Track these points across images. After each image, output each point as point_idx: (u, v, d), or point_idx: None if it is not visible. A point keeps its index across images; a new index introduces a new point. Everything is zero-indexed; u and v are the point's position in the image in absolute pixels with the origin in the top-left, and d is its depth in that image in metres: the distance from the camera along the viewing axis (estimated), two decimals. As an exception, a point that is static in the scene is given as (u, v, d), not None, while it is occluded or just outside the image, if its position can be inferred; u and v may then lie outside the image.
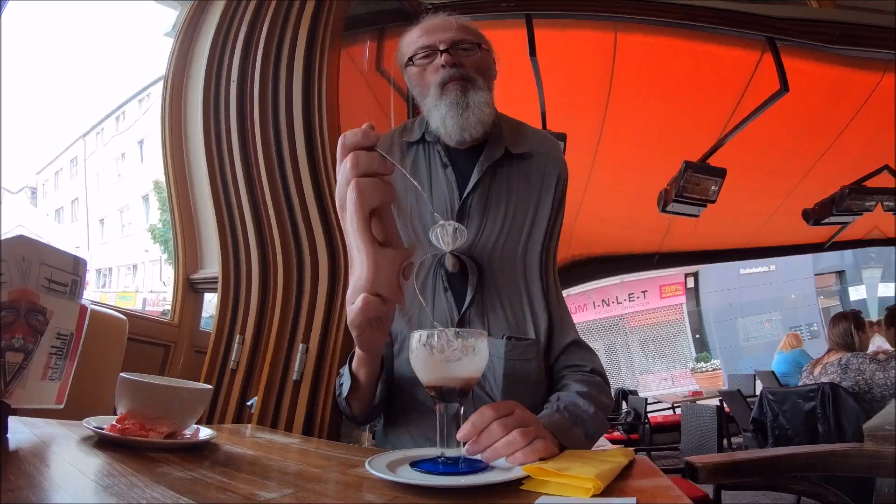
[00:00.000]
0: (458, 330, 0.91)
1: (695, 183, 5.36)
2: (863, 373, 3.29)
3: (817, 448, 1.37)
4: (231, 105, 1.97)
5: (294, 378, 1.68)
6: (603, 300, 18.18)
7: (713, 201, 5.44)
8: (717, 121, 5.19)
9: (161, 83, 2.86)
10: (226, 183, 2.01)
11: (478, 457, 0.92)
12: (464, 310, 1.39)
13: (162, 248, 23.98)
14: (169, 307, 2.77)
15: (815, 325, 15.84)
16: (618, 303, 18.30)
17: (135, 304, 25.48)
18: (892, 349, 3.57)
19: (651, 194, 5.98)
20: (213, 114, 2.05)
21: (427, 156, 1.48)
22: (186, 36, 2.73)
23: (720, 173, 5.32)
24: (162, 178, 2.98)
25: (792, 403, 3.44)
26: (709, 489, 2.57)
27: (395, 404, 1.42)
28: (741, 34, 4.01)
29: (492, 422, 0.92)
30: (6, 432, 0.86)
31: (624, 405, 7.97)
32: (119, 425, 0.93)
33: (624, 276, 14.88)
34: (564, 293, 1.53)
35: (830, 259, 15.04)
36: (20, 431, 0.92)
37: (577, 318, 16.77)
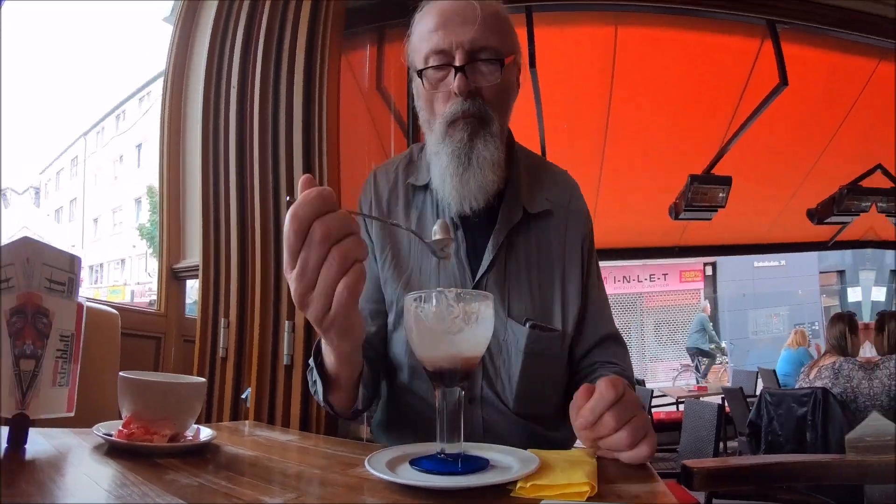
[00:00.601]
0: (459, 292, 0.82)
1: (702, 193, 5.55)
2: (851, 380, 3.32)
3: (805, 458, 1.39)
4: (231, 109, 1.98)
5: (285, 363, 1.67)
6: (624, 276, 18.30)
7: (723, 206, 5.60)
8: (719, 126, 5.32)
9: (161, 81, 2.91)
10: (217, 179, 2.03)
11: (481, 454, 0.90)
12: (480, 275, 1.26)
13: (148, 243, 25.21)
14: (155, 297, 2.86)
15: (816, 324, 16.08)
16: (638, 281, 18.45)
17: (124, 297, 26.80)
18: (879, 357, 3.56)
19: (661, 206, 6.16)
20: (212, 116, 2.07)
21: (434, 203, 1.32)
22: (185, 27, 2.74)
23: (726, 181, 5.50)
24: (155, 183, 3.07)
25: (786, 407, 3.47)
26: (700, 497, 2.63)
27: (392, 389, 1.35)
28: (742, 18, 4.04)
29: (607, 409, 0.88)
30: (24, 443, 0.87)
31: None
32: (125, 430, 0.95)
33: (645, 259, 15.02)
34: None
35: (833, 258, 15.40)
36: (38, 443, 0.93)
37: None
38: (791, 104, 4.53)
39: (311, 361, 1.12)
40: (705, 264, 17.76)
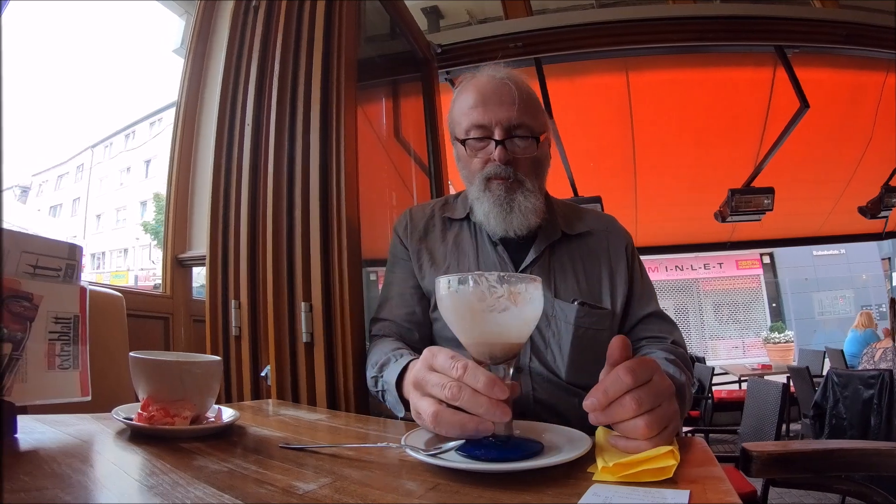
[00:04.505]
0: (501, 274, 0.83)
1: (746, 202, 5.72)
2: None
3: (867, 445, 1.37)
4: (245, 138, 2.02)
5: (304, 340, 1.70)
6: (677, 266, 19.18)
7: (770, 210, 5.75)
8: (748, 148, 5.61)
9: (173, 110, 3.07)
10: (228, 183, 2.07)
11: (535, 436, 0.91)
12: (522, 267, 1.45)
13: (152, 236, 27.20)
14: (160, 281, 2.91)
15: (883, 306, 16.63)
16: (692, 269, 19.22)
17: (127, 282, 28.76)
18: None
19: (706, 214, 6.36)
20: (225, 144, 2.11)
21: (473, 233, 1.55)
22: (195, 63, 2.92)
23: (768, 191, 5.66)
24: (163, 191, 3.19)
25: (853, 389, 3.45)
26: (758, 484, 2.64)
27: None
28: (750, 48, 4.23)
29: (626, 392, 0.83)
30: (15, 432, 0.89)
31: None
32: (145, 413, 0.98)
33: (697, 252, 15.54)
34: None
35: (889, 246, 16.37)
36: (39, 431, 0.96)
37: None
38: (818, 121, 4.62)
39: (387, 378, 1.25)
40: (762, 254, 18.45)
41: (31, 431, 0.94)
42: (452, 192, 2.89)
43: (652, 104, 5.00)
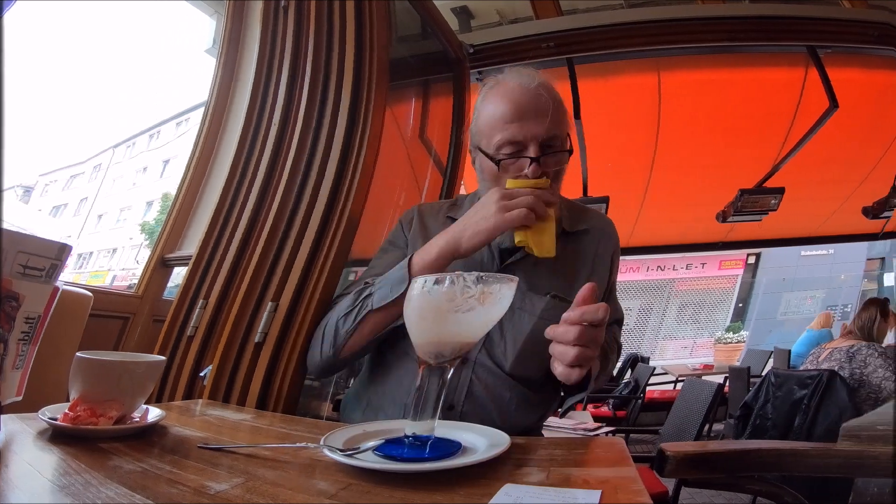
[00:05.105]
0: (480, 274, 0.86)
1: (753, 202, 5.79)
2: (865, 366, 3.31)
3: (784, 445, 1.42)
4: (269, 138, 2.02)
5: (256, 340, 1.70)
6: (658, 266, 19.07)
7: (775, 210, 5.84)
8: (771, 147, 5.55)
9: (202, 110, 3.05)
10: (238, 189, 2.07)
11: (454, 436, 0.94)
12: (508, 262, 1.49)
13: (146, 237, 27.50)
14: (136, 281, 2.88)
15: (849, 306, 16.91)
16: (673, 269, 19.19)
17: (105, 282, 28.70)
18: None
19: (708, 213, 6.48)
20: (248, 141, 2.11)
21: None
22: (227, 63, 2.90)
23: (779, 191, 5.72)
24: (173, 190, 3.17)
25: (787, 389, 3.48)
26: (670, 484, 2.71)
27: (385, 356, 1.49)
28: (782, 49, 4.21)
29: (586, 322, 1.06)
30: None
31: (628, 374, 8.12)
32: (71, 413, 0.98)
33: (685, 253, 15.77)
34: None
35: (882, 246, 16.06)
36: None
37: (625, 277, 18.48)
38: (845, 120, 4.62)
39: (387, 280, 1.39)
40: (749, 254, 18.52)
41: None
42: (463, 192, 2.92)
43: (682, 104, 5.00)
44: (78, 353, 1.02)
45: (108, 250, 33.11)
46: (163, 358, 1.16)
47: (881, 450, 1.46)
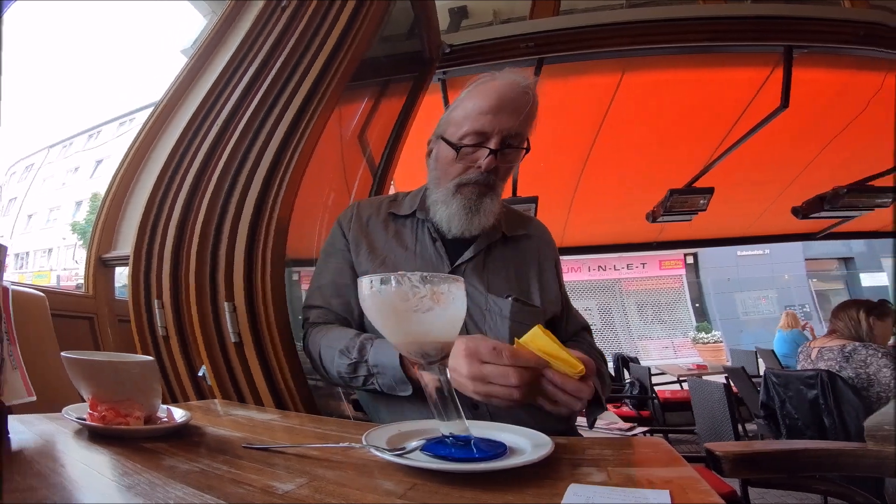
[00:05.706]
0: (424, 274, 0.85)
1: (682, 202, 5.88)
2: (868, 366, 3.31)
3: (830, 445, 1.41)
4: (209, 136, 2.01)
5: (233, 340, 1.69)
6: (599, 266, 19.82)
7: (704, 210, 5.92)
8: (707, 147, 5.61)
9: (149, 110, 3.02)
10: (169, 186, 2.05)
11: (491, 436, 0.93)
12: (458, 263, 1.52)
13: (79, 237, 28.08)
14: (82, 282, 2.85)
15: (806, 306, 18.23)
16: (615, 269, 19.87)
17: (49, 282, 29.02)
18: None
19: (638, 212, 6.60)
20: (188, 137, 2.09)
21: (414, 229, 1.62)
22: (198, 60, 2.82)
23: (707, 191, 5.80)
24: (102, 190, 3.16)
25: (796, 389, 3.52)
26: (735, 483, 2.69)
27: None
28: (758, 49, 4.22)
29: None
30: (7, 433, 0.87)
31: (626, 374, 8.10)
32: (96, 413, 0.96)
33: (621, 252, 15.96)
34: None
35: (826, 247, 17.56)
36: (20, 431, 0.94)
37: (570, 277, 19.20)
38: (789, 120, 4.65)
39: (382, 364, 1.30)
40: (685, 254, 19.40)
41: (13, 432, 0.91)
42: (393, 191, 2.90)
43: (631, 105, 5.00)
44: (64, 353, 1.00)
45: (44, 250, 33.54)
46: (151, 358, 1.13)
47: (891, 449, 1.47)
